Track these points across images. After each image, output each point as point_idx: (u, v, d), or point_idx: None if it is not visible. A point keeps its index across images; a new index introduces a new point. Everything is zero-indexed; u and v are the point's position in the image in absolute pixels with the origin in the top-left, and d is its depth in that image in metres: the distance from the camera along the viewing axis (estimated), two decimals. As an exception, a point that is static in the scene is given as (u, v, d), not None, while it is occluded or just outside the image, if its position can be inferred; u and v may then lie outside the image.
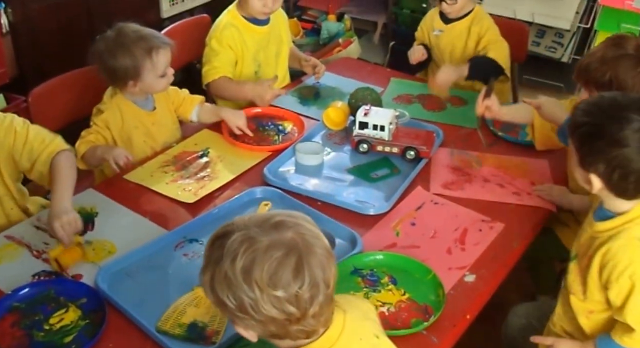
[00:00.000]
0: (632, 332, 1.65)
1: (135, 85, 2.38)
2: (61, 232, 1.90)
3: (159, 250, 2.00)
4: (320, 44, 4.53)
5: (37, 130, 2.17)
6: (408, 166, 2.41)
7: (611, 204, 1.71)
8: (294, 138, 2.59)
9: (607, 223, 1.70)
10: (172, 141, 2.59)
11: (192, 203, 2.21)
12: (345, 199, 2.24)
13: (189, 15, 4.16)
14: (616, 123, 1.60)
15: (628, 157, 1.59)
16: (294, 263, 1.21)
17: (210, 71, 2.84)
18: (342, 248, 2.00)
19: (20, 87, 3.30)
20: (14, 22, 3.35)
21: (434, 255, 2.02)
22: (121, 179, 2.34)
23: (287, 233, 1.24)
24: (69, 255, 1.94)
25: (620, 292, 1.64)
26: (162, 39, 2.40)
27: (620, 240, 1.65)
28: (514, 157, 2.49)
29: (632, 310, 1.63)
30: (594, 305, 1.75)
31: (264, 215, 1.29)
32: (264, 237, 1.23)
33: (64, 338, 1.72)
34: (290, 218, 1.28)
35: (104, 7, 3.64)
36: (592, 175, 1.66)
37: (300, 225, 1.28)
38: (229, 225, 1.29)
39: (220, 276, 1.23)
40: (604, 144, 1.61)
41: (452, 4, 2.99)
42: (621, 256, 1.63)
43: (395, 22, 4.79)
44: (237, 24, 2.88)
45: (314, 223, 1.32)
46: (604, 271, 1.66)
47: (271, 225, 1.25)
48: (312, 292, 1.23)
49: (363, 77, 3.08)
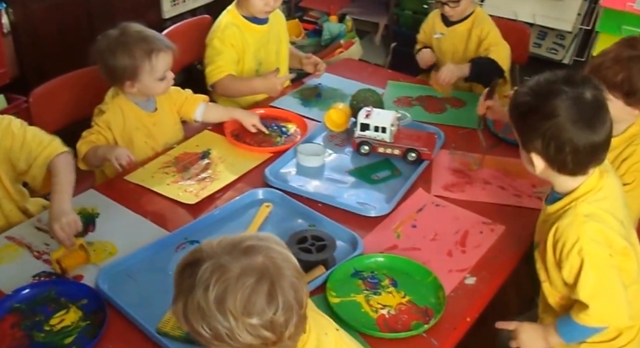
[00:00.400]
0: (586, 309, 1.66)
1: (132, 85, 2.38)
2: (61, 234, 1.89)
3: (160, 252, 1.99)
4: (321, 45, 4.53)
5: (34, 132, 2.17)
6: (409, 168, 2.41)
7: (558, 184, 1.74)
8: (296, 140, 2.59)
9: (556, 204, 1.74)
10: (174, 142, 2.58)
11: (194, 205, 2.21)
12: (346, 201, 2.23)
13: (191, 15, 4.16)
14: (548, 97, 1.63)
15: (560, 126, 1.61)
16: (266, 289, 1.21)
17: (214, 71, 2.84)
18: (342, 250, 2.00)
19: (21, 87, 3.30)
20: (15, 23, 3.36)
21: (435, 257, 2.02)
22: (122, 180, 2.34)
23: (257, 258, 1.24)
24: (71, 257, 1.93)
25: (571, 269, 1.66)
26: (164, 42, 2.40)
27: (568, 218, 1.67)
28: (514, 159, 2.47)
29: (583, 286, 1.65)
30: (560, 290, 1.77)
31: (234, 240, 1.28)
32: (234, 264, 1.22)
33: (64, 339, 1.72)
34: (259, 242, 1.28)
35: (104, 8, 3.64)
36: (533, 154, 1.69)
37: (270, 248, 1.27)
38: (197, 251, 1.28)
39: (193, 306, 1.23)
40: (538, 118, 1.65)
41: (455, 6, 2.99)
42: (568, 233, 1.65)
43: (396, 23, 4.79)
44: (237, 23, 2.89)
45: (283, 244, 1.32)
46: (556, 251, 1.70)
47: (241, 250, 1.25)
48: (287, 315, 1.24)
49: (364, 79, 3.08)
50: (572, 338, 1.76)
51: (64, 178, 2.07)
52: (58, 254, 1.92)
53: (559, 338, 1.76)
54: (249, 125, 2.59)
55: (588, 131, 1.62)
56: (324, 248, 1.95)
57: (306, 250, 1.93)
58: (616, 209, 1.72)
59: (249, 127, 2.59)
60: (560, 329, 1.75)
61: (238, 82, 2.87)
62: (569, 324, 1.73)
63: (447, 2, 2.99)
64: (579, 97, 1.62)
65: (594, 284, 1.64)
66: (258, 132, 2.62)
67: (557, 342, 1.77)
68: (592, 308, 1.65)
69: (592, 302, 1.65)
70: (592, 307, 1.65)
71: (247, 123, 2.59)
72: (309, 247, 1.94)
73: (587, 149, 1.63)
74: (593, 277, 1.64)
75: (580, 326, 1.70)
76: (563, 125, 1.61)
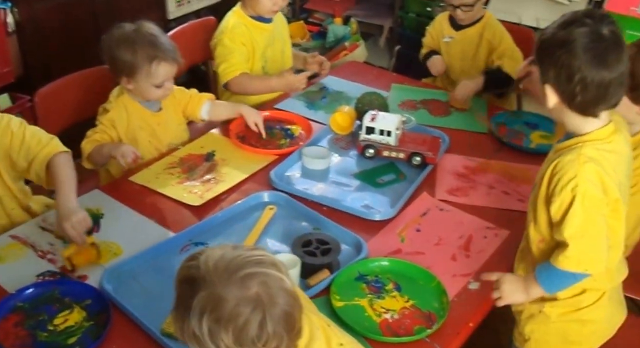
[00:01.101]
0: (565, 249, 1.66)
1: (129, 82, 2.38)
2: (73, 232, 1.90)
3: (165, 253, 1.99)
4: (326, 47, 4.54)
5: (33, 131, 2.16)
6: (414, 172, 2.41)
7: (569, 123, 1.72)
8: (301, 142, 2.59)
9: (564, 143, 1.73)
10: (178, 142, 2.59)
11: (198, 206, 2.21)
12: (351, 204, 2.24)
13: (195, 16, 4.16)
14: (565, 27, 1.63)
15: (572, 54, 1.60)
16: (258, 320, 1.24)
17: (228, 69, 2.84)
18: (347, 254, 2.00)
19: (26, 86, 3.31)
20: (20, 22, 3.37)
21: (439, 261, 2.02)
22: (127, 181, 2.35)
23: (252, 288, 1.25)
24: (83, 255, 1.94)
25: (561, 205, 1.65)
26: (170, 53, 2.38)
27: (571, 155, 1.67)
28: (519, 164, 2.49)
29: (569, 224, 1.64)
30: (542, 231, 1.77)
31: (230, 265, 1.28)
32: (229, 294, 1.24)
33: (68, 339, 1.72)
34: (256, 269, 1.28)
35: (109, 8, 3.65)
36: (547, 85, 1.68)
37: (267, 274, 1.28)
38: (195, 268, 1.29)
39: (189, 331, 1.26)
40: (554, 46, 1.64)
41: (468, 10, 2.99)
42: (567, 169, 1.65)
43: (400, 25, 4.79)
44: (245, 22, 2.91)
45: (279, 265, 1.33)
46: (550, 184, 1.69)
47: (237, 280, 1.26)
48: (277, 342, 1.27)
49: (369, 82, 3.09)
50: (551, 286, 1.75)
51: (66, 176, 2.07)
52: (69, 251, 1.92)
53: (540, 288, 1.75)
54: (251, 123, 2.58)
55: (599, 65, 1.60)
56: (329, 251, 1.95)
57: (311, 254, 1.93)
58: (617, 167, 1.70)
59: (251, 124, 2.59)
60: (540, 276, 1.74)
61: (255, 80, 2.87)
62: (547, 270, 1.72)
63: (459, 6, 2.98)
64: (595, 31, 1.60)
65: (579, 224, 1.64)
66: (263, 134, 2.64)
67: (537, 293, 1.76)
68: (572, 249, 1.64)
69: (573, 242, 1.64)
70: (572, 247, 1.64)
71: (250, 120, 2.59)
72: (314, 250, 1.95)
73: (596, 84, 1.61)
74: (580, 217, 1.63)
75: (558, 271, 1.69)
76: (575, 54, 1.59)
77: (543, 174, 1.73)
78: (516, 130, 2.70)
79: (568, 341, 1.88)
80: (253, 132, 2.63)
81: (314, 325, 1.42)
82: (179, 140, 2.61)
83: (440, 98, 2.98)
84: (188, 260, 1.33)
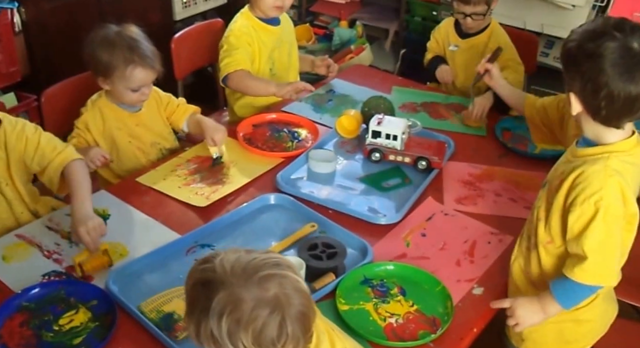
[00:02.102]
0: (583, 262, 1.64)
1: (105, 82, 2.39)
2: (87, 238, 1.90)
3: (171, 255, 2.00)
4: (332, 50, 4.53)
5: (48, 137, 2.18)
6: (419, 176, 2.42)
7: (591, 131, 1.71)
8: (307, 145, 2.59)
9: (589, 149, 1.71)
10: (163, 142, 2.61)
11: (205, 208, 2.22)
12: (357, 208, 2.24)
13: (201, 18, 4.17)
14: (594, 38, 1.61)
15: (599, 68, 1.58)
16: (277, 322, 1.24)
17: (230, 63, 2.82)
18: (352, 258, 2.01)
19: (32, 86, 3.32)
20: (27, 21, 3.37)
21: (443, 266, 2.02)
22: (134, 182, 2.35)
23: (270, 289, 1.26)
24: (94, 262, 1.94)
25: (581, 217, 1.64)
26: (147, 60, 2.36)
27: (597, 165, 1.65)
28: (524, 171, 2.48)
29: (590, 237, 1.63)
30: (553, 234, 1.75)
31: (248, 267, 1.28)
32: (248, 295, 1.24)
33: (73, 339, 1.72)
34: (274, 270, 1.29)
35: (116, 8, 3.65)
36: (571, 94, 1.68)
37: (285, 276, 1.29)
38: (211, 271, 1.29)
39: (206, 332, 1.26)
40: (580, 57, 1.63)
41: (478, 19, 2.96)
42: (592, 180, 1.63)
43: (406, 29, 4.79)
44: (252, 24, 2.91)
45: (294, 268, 1.34)
46: (571, 192, 1.67)
47: (255, 281, 1.26)
48: (294, 343, 1.28)
49: (375, 85, 3.09)
50: (569, 301, 1.73)
51: (82, 182, 2.08)
52: (81, 258, 1.92)
53: (557, 305, 1.73)
54: (209, 139, 2.45)
55: (627, 80, 1.57)
56: (335, 255, 1.95)
57: (317, 257, 1.93)
58: (636, 179, 1.70)
59: (208, 140, 2.46)
60: (556, 292, 1.72)
61: (253, 79, 2.85)
62: (563, 284, 1.71)
63: (470, 15, 2.95)
64: (625, 45, 1.58)
65: (600, 238, 1.63)
66: (269, 136, 2.64)
67: (554, 310, 1.75)
68: (590, 262, 1.63)
69: (592, 255, 1.63)
70: (591, 260, 1.63)
71: (208, 136, 2.46)
72: (320, 254, 1.95)
73: (623, 98, 1.59)
74: (602, 231, 1.62)
75: (575, 284, 1.68)
76: (602, 68, 1.57)
77: (562, 179, 1.71)
78: (521, 135, 2.69)
79: (564, 340, 1.89)
80: (260, 134, 2.65)
81: (319, 329, 1.42)
82: (166, 141, 2.62)
83: (441, 101, 2.98)
84: (201, 263, 1.33)
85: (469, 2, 2.92)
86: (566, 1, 3.95)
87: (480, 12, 2.94)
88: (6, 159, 2.13)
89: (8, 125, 2.11)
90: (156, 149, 2.59)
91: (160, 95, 2.59)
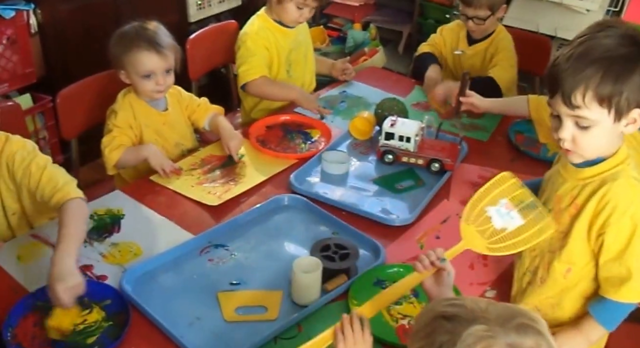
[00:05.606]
0: (628, 281, 1.59)
1: (123, 75, 2.41)
2: (65, 297, 1.70)
3: (185, 255, 2.00)
4: (345, 53, 4.54)
5: (51, 174, 2.02)
6: (432, 178, 2.41)
7: (612, 142, 1.61)
8: (320, 146, 2.60)
9: (598, 167, 1.62)
10: (186, 143, 2.62)
11: (218, 208, 2.22)
12: (370, 209, 2.23)
13: (215, 20, 4.18)
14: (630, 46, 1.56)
15: None
16: None
17: (249, 71, 2.84)
18: (365, 259, 2.00)
19: (47, 87, 3.34)
20: (43, 23, 3.40)
21: (457, 269, 1.97)
22: (148, 181, 2.36)
23: (527, 341, 1.13)
24: (68, 317, 1.76)
25: (619, 234, 1.58)
26: (153, 45, 2.36)
27: (620, 179, 1.58)
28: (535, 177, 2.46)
29: (633, 254, 1.58)
30: (573, 260, 1.69)
31: (507, 311, 1.17)
32: (503, 340, 1.12)
33: (86, 338, 1.72)
34: (532, 323, 1.16)
35: (131, 10, 3.67)
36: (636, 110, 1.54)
37: (541, 334, 1.16)
38: (459, 306, 1.18)
39: None
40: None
41: (479, 23, 2.94)
42: (621, 196, 1.57)
43: (419, 32, 4.79)
44: (269, 26, 2.91)
45: (546, 327, 1.20)
46: (600, 214, 1.59)
47: (514, 326, 1.14)
48: None
49: (388, 87, 3.09)
50: (613, 322, 1.68)
51: (72, 229, 1.87)
52: (56, 321, 1.74)
53: (601, 329, 1.68)
54: (225, 146, 2.49)
55: None
56: (347, 256, 1.95)
57: (329, 258, 1.93)
58: None
59: (225, 147, 2.49)
60: (598, 316, 1.67)
61: (274, 85, 2.88)
62: (605, 307, 1.65)
63: (472, 18, 2.94)
64: None
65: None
66: (283, 138, 2.65)
67: (598, 334, 1.70)
68: (637, 279, 1.58)
69: (637, 272, 1.58)
70: (637, 277, 1.58)
71: (224, 143, 2.49)
72: (332, 255, 1.95)
73: None
74: None
75: (618, 305, 1.63)
76: None
77: (580, 204, 1.64)
78: (534, 139, 2.67)
79: None
80: (273, 135, 2.65)
81: None
82: (188, 141, 2.63)
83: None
84: (445, 305, 1.22)
85: (470, 4, 2.91)
86: (580, 5, 3.94)
87: (481, 17, 2.91)
88: (16, 192, 2.08)
89: (18, 157, 2.03)
90: (179, 150, 2.59)
91: (182, 95, 2.60)
